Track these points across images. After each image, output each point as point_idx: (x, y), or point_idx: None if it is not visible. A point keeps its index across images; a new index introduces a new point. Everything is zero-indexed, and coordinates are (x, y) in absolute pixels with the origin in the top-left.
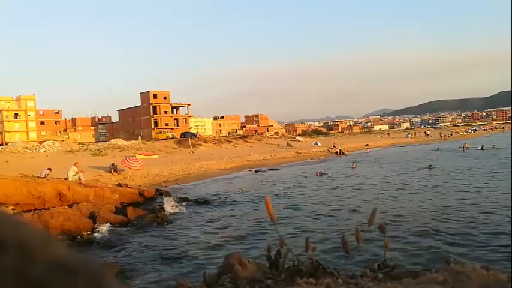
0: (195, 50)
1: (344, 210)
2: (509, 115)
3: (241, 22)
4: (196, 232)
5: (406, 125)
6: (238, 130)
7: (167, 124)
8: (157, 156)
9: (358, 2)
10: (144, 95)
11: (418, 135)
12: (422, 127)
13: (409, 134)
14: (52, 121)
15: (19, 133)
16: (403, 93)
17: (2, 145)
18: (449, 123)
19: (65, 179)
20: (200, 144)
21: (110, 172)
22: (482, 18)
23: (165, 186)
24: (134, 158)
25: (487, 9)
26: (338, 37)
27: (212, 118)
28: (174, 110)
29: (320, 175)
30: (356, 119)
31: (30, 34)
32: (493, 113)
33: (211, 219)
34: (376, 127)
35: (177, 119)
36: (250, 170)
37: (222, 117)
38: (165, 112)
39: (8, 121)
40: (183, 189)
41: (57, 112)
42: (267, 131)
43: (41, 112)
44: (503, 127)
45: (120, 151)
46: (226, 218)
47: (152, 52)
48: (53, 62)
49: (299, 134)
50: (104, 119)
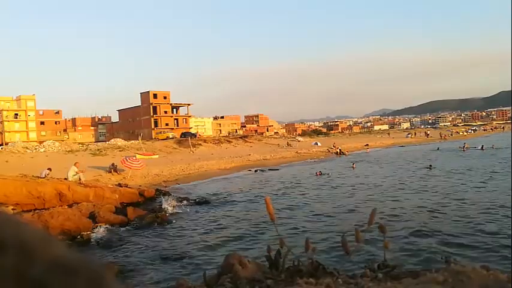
0: (195, 50)
1: (344, 210)
2: (509, 115)
3: (241, 22)
4: (196, 232)
5: (406, 125)
6: (238, 130)
7: (167, 124)
8: (157, 156)
9: (358, 2)
10: (144, 95)
11: (418, 135)
12: (422, 127)
13: (409, 134)
14: (52, 121)
15: (19, 133)
16: (403, 93)
17: (2, 145)
18: (449, 123)
19: (65, 179)
20: (200, 144)
21: (110, 172)
22: (482, 18)
23: (165, 186)
24: (134, 158)
25: (487, 9)
26: (338, 37)
27: (212, 118)
28: (174, 110)
29: (320, 175)
30: (356, 119)
31: (30, 34)
32: (493, 113)
33: (211, 219)
34: (376, 127)
35: (177, 119)
36: (250, 170)
37: (222, 117)
38: (165, 112)
39: (8, 121)
40: (183, 189)
41: (57, 112)
42: (267, 131)
43: (41, 112)
44: (503, 127)
45: (120, 151)
46: (226, 218)
47: (152, 52)
48: (53, 62)
49: (299, 134)
50: (104, 119)
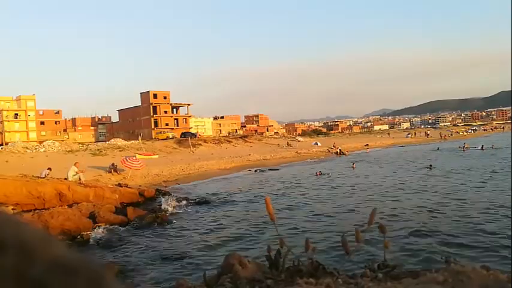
0: (195, 50)
1: (344, 210)
2: (509, 115)
3: (241, 22)
4: (196, 232)
5: (406, 125)
6: (238, 130)
7: (167, 124)
8: (157, 156)
9: (358, 2)
10: (144, 95)
11: (418, 135)
12: (422, 127)
13: (409, 134)
14: (52, 121)
15: (19, 133)
16: (403, 93)
17: (2, 145)
18: (449, 123)
19: (65, 179)
20: (200, 144)
21: (110, 172)
22: (482, 18)
23: (165, 186)
24: (134, 158)
25: (487, 9)
26: (338, 37)
27: (212, 118)
28: (174, 110)
29: (320, 175)
30: (356, 119)
31: (30, 34)
32: (493, 113)
33: (211, 219)
34: (376, 127)
35: (177, 119)
36: (250, 170)
37: (222, 117)
38: (165, 112)
39: (8, 121)
40: (183, 189)
41: (57, 112)
42: (267, 131)
43: (41, 112)
44: (503, 127)
45: (120, 151)
46: (226, 218)
47: (152, 52)
48: (53, 62)
49: (299, 134)
50: (104, 119)
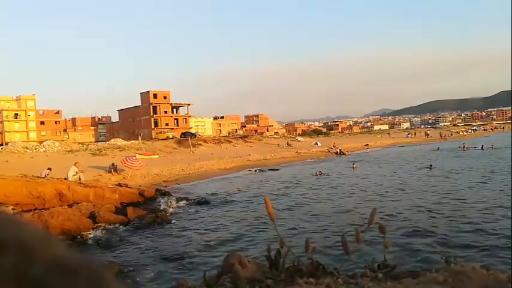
0: (195, 50)
1: (344, 210)
2: (509, 115)
3: (241, 22)
4: (196, 232)
5: (406, 125)
6: (238, 130)
7: (167, 124)
8: (157, 156)
9: (358, 2)
10: (144, 95)
11: (418, 135)
12: (422, 127)
13: (409, 134)
14: (52, 121)
15: (19, 133)
16: (403, 93)
17: (2, 145)
18: (449, 123)
19: (65, 179)
20: (200, 144)
21: (110, 172)
22: (482, 18)
23: (165, 186)
24: (134, 158)
25: (487, 9)
26: (338, 37)
27: (212, 118)
28: (174, 110)
29: (320, 175)
30: (356, 119)
31: (30, 34)
32: (493, 113)
33: (211, 219)
34: (376, 127)
35: (177, 119)
36: (250, 170)
37: (222, 117)
38: (165, 112)
39: (8, 121)
40: (183, 189)
41: (57, 112)
42: (267, 131)
43: (41, 112)
44: (503, 127)
45: (120, 151)
46: (226, 218)
47: (152, 52)
48: (53, 62)
49: (299, 134)
50: (104, 119)
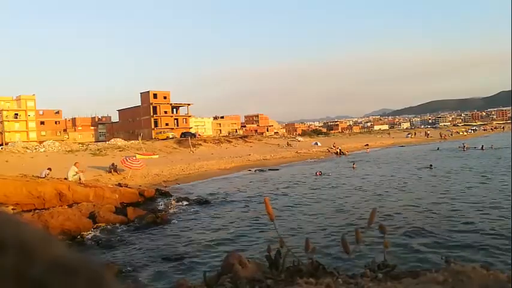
0: (195, 50)
1: (344, 210)
2: (509, 115)
3: (241, 22)
4: (196, 232)
5: (406, 125)
6: (238, 130)
7: (167, 124)
8: (157, 156)
9: (358, 2)
10: (144, 95)
11: (418, 135)
12: (422, 127)
13: (409, 134)
14: (52, 121)
15: (19, 133)
16: (403, 93)
17: (2, 145)
18: (449, 123)
19: (65, 179)
20: (200, 144)
21: (110, 172)
22: (482, 18)
23: (165, 186)
24: (134, 158)
25: (487, 9)
26: (338, 37)
27: (212, 118)
28: (174, 110)
29: (320, 175)
30: (356, 119)
31: (30, 34)
32: (493, 113)
33: (211, 219)
34: (376, 127)
35: (177, 119)
36: (250, 170)
37: (222, 117)
38: (165, 112)
39: (8, 121)
40: (183, 189)
41: (57, 112)
42: (267, 131)
43: (41, 112)
44: (503, 127)
45: (120, 151)
46: (226, 218)
47: (152, 52)
48: (53, 62)
49: (299, 134)
50: (104, 119)
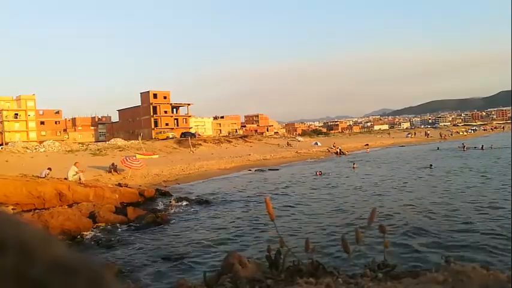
0: (195, 50)
1: (344, 209)
2: (509, 115)
3: (241, 22)
4: (196, 232)
5: (406, 125)
6: (238, 130)
7: (167, 124)
8: (157, 156)
9: (358, 2)
10: (144, 95)
11: (418, 135)
12: (422, 127)
13: (409, 134)
14: (52, 121)
15: (19, 133)
16: (403, 93)
17: (2, 145)
18: (449, 123)
19: (65, 179)
20: (200, 144)
21: (110, 172)
22: (482, 18)
23: (165, 186)
24: (134, 158)
25: (487, 9)
26: (338, 37)
27: (212, 118)
28: (174, 110)
29: (320, 175)
30: (356, 119)
31: (30, 34)
32: (493, 113)
33: (211, 219)
34: (376, 127)
35: (177, 119)
36: (250, 170)
37: (222, 117)
38: (165, 112)
39: (8, 121)
40: (183, 189)
41: (57, 112)
42: (267, 131)
43: (41, 112)
44: (503, 127)
45: (120, 151)
46: (226, 218)
47: (152, 52)
48: (53, 62)
49: (299, 134)
50: (104, 119)
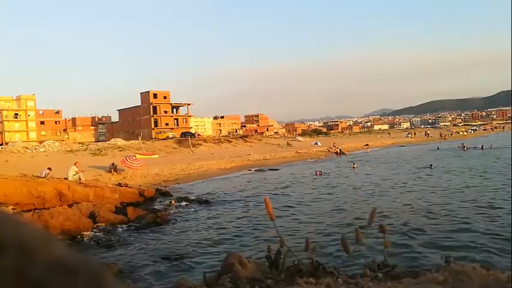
0: (195, 50)
1: (344, 209)
2: (509, 115)
3: (241, 22)
4: (196, 232)
5: (406, 125)
6: (238, 130)
7: (167, 124)
8: (157, 156)
9: (358, 2)
10: (144, 95)
11: (418, 135)
12: (422, 127)
13: (409, 134)
14: (52, 121)
15: (19, 133)
16: (403, 93)
17: (2, 145)
18: (449, 123)
19: (65, 179)
20: (200, 144)
21: (110, 172)
22: (482, 18)
23: (165, 186)
24: (134, 158)
25: (487, 9)
26: (338, 37)
27: (212, 118)
28: (174, 110)
29: (320, 175)
30: (356, 119)
31: (30, 34)
32: (493, 113)
33: (211, 218)
34: (376, 127)
35: (177, 119)
36: (250, 170)
37: (222, 117)
38: (165, 112)
39: (8, 121)
40: (183, 189)
41: (57, 112)
42: (267, 131)
43: (41, 112)
44: (503, 127)
45: (120, 151)
46: (226, 218)
47: (152, 52)
48: (53, 62)
49: (299, 134)
50: (104, 119)
